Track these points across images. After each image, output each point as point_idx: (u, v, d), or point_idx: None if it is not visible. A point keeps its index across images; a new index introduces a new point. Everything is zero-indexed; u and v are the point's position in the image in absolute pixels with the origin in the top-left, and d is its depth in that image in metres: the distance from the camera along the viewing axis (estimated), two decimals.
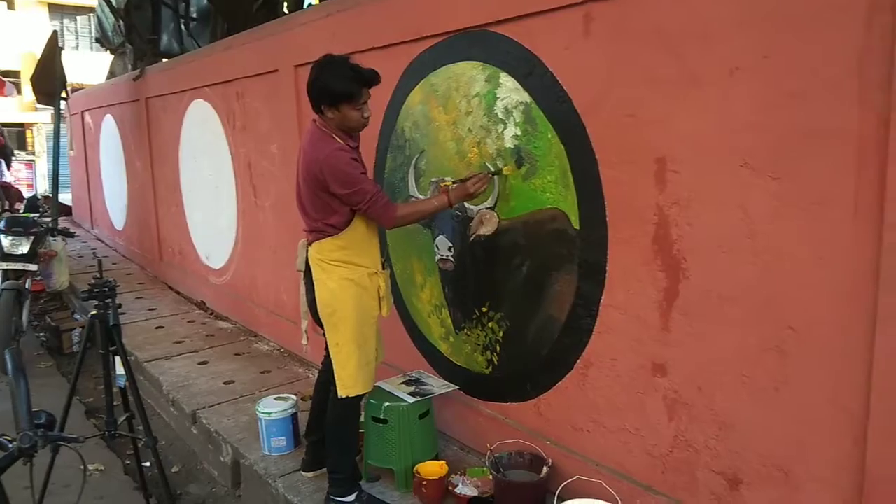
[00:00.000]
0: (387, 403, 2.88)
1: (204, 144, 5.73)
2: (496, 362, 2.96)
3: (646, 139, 2.24)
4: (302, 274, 2.82)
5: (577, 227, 2.51)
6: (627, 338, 2.40)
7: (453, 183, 2.76)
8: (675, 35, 2.12)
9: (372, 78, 2.56)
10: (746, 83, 1.95)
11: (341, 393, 2.65)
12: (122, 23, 8.95)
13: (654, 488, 2.38)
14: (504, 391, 2.96)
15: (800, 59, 1.82)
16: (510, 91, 2.69)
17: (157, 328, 5.47)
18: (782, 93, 1.87)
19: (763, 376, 2.02)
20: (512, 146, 2.72)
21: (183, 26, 9.24)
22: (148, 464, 3.45)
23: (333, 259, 2.64)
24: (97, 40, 11.18)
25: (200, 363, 4.65)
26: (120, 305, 2.89)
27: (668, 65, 2.15)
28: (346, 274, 2.64)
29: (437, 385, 3.09)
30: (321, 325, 2.74)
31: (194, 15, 9.80)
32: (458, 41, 2.91)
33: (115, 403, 2.92)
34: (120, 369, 2.85)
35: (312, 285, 2.72)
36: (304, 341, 2.96)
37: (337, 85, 2.50)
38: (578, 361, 2.59)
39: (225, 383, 4.26)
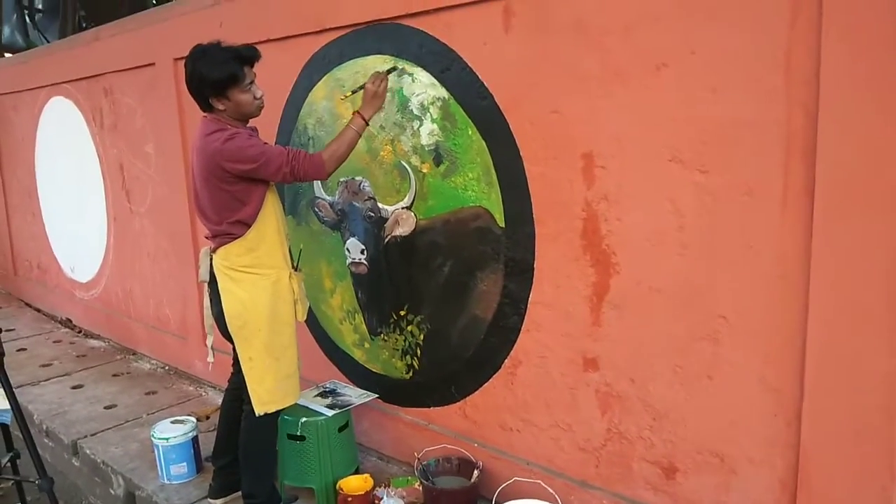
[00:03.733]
0: (303, 419, 2.71)
1: (65, 146, 5.21)
2: (417, 367, 2.87)
3: (572, 135, 2.24)
4: (206, 285, 2.59)
5: (503, 224, 2.46)
6: (557, 334, 2.39)
7: (352, 93, 2.58)
8: (598, 30, 2.12)
9: (251, 55, 2.40)
10: (674, 78, 1.98)
11: (259, 410, 2.45)
12: None
13: (588, 483, 2.39)
14: (426, 396, 2.87)
15: (727, 54, 1.87)
16: (426, 87, 2.61)
17: (18, 351, 4.90)
18: (710, 88, 1.91)
19: (695, 365, 2.07)
20: (429, 143, 2.64)
21: (28, 18, 8.42)
22: None
23: (243, 265, 2.44)
24: None
25: (75, 387, 4.21)
26: None
27: (592, 60, 2.15)
28: (257, 281, 2.45)
29: (355, 395, 2.95)
30: (230, 340, 2.53)
31: (40, 6, 8.96)
32: (366, 34, 2.78)
33: None
34: (3, 403, 2.48)
35: (218, 296, 2.50)
36: (210, 359, 2.71)
37: (216, 72, 2.32)
38: (506, 361, 2.55)
39: (106, 408, 3.88)
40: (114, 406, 3.90)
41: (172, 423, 3.11)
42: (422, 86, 2.62)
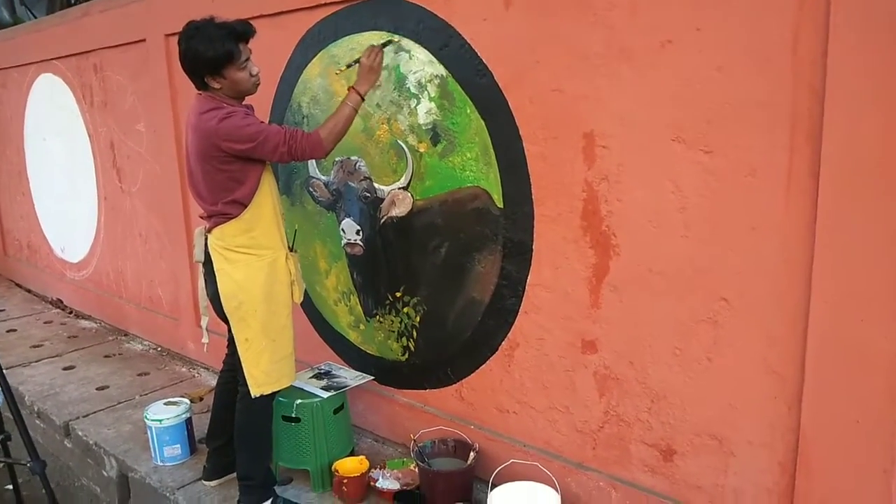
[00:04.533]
0: (299, 400, 2.69)
1: (55, 124, 5.12)
2: (413, 348, 2.85)
3: (573, 114, 2.20)
4: (201, 265, 2.55)
5: (501, 205, 2.43)
6: (555, 316, 2.37)
7: (347, 67, 2.55)
8: (602, 5, 2.08)
9: (246, 30, 2.34)
10: (679, 56, 1.94)
11: (255, 391, 2.43)
12: None
13: (585, 465, 2.38)
14: (422, 378, 2.85)
15: (733, 32, 1.83)
16: (424, 64, 2.56)
17: (8, 332, 4.87)
18: (715, 66, 1.87)
19: (696, 347, 2.05)
20: (426, 122, 2.59)
21: None
22: (10, 487, 3.03)
23: (238, 245, 2.40)
24: None
25: (66, 368, 4.18)
26: None
27: (595, 37, 2.11)
28: (252, 262, 2.41)
29: (351, 377, 2.93)
30: (225, 321, 2.49)
31: None
32: (362, 9, 2.72)
33: None
34: None
35: (213, 277, 2.46)
36: (204, 339, 2.68)
37: (212, 50, 2.26)
38: (504, 343, 2.53)
39: (98, 389, 3.85)
40: (106, 387, 3.87)
41: (166, 404, 3.09)
42: (419, 63, 2.57)
